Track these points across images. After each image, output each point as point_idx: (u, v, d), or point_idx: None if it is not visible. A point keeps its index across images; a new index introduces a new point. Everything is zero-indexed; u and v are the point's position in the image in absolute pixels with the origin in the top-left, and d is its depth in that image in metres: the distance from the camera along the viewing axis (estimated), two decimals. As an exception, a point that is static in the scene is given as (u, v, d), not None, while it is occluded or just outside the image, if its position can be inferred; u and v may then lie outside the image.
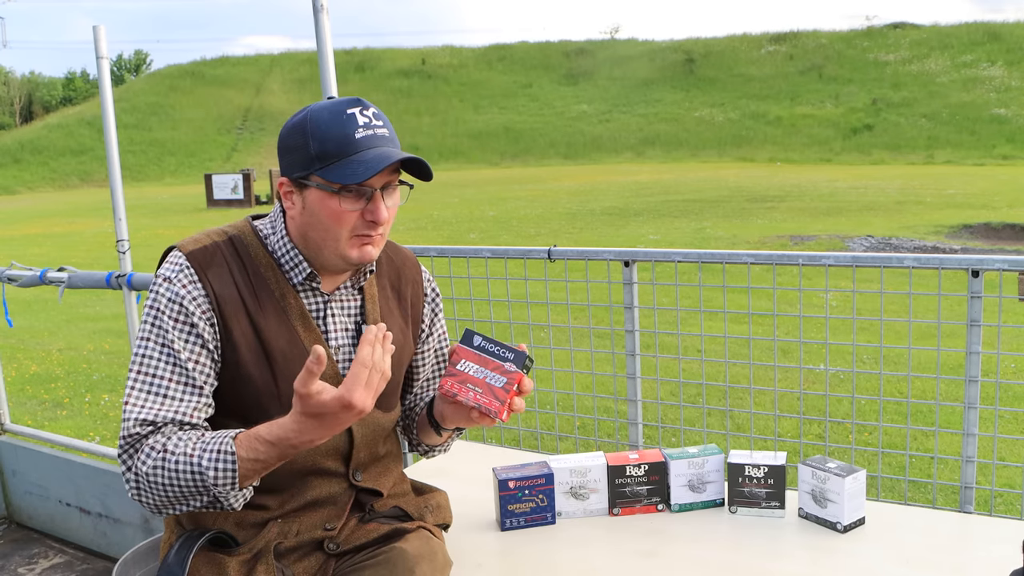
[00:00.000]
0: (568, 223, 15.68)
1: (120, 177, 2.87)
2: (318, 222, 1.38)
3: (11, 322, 3.31)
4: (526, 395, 1.45)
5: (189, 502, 1.30)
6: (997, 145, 35.57)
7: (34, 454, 3.33)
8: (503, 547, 1.80)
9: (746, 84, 50.56)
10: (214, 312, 1.38)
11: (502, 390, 1.41)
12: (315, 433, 1.24)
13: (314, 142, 1.35)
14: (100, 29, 2.75)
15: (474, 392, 1.42)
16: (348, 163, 1.34)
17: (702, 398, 3.22)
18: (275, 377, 1.40)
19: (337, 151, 1.35)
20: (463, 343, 1.45)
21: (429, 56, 62.05)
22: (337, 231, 1.38)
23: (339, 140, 1.35)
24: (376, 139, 1.37)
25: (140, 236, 9.14)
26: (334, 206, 1.36)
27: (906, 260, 2.07)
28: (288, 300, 1.44)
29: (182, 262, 1.39)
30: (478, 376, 1.42)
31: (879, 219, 14.50)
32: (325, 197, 1.36)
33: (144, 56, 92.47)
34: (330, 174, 1.34)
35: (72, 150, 46.76)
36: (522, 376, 1.42)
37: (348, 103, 1.38)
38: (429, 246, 2.63)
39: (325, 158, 1.35)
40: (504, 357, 1.43)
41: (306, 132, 1.36)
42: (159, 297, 1.37)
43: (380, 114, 1.41)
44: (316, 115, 1.36)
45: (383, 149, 1.37)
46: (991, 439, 2.35)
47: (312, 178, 1.36)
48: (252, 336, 1.40)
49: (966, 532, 1.85)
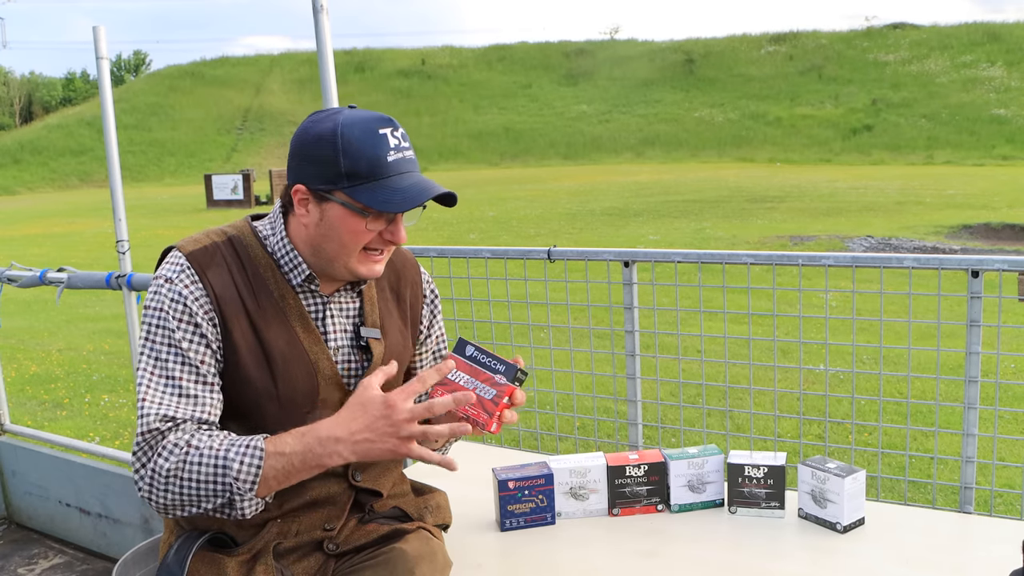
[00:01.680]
0: (568, 223, 15.69)
1: (120, 177, 2.87)
2: (336, 237, 1.38)
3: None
4: (518, 407, 1.44)
5: (202, 503, 1.29)
6: (997, 145, 35.58)
7: (34, 454, 3.33)
8: (503, 547, 1.81)
9: (746, 84, 50.57)
10: (215, 312, 1.38)
11: (491, 402, 1.40)
12: (345, 428, 1.27)
13: (345, 159, 1.34)
14: (100, 29, 2.75)
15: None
16: (380, 188, 1.34)
17: (702, 398, 3.22)
18: (274, 378, 1.40)
19: (368, 172, 1.34)
20: (456, 352, 1.45)
21: (429, 56, 62.07)
22: (353, 248, 1.39)
23: (371, 161, 1.34)
24: (405, 163, 1.38)
25: (140, 236, 9.14)
26: (357, 226, 1.37)
27: (906, 260, 2.07)
28: (287, 301, 1.43)
29: (182, 262, 1.39)
30: (468, 387, 1.41)
31: (879, 219, 14.51)
32: (348, 215, 1.36)
33: (144, 56, 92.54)
34: (360, 195, 1.34)
35: (72, 150, 46.77)
36: (513, 389, 1.41)
37: (379, 122, 1.37)
38: (429, 246, 2.63)
39: (355, 177, 1.34)
40: (495, 369, 1.42)
41: (336, 147, 1.34)
42: (162, 298, 1.37)
43: (406, 135, 1.41)
44: (348, 131, 1.34)
45: (414, 176, 1.38)
46: (991, 439, 2.35)
47: (337, 194, 1.36)
48: (252, 337, 1.40)
49: (966, 532, 1.85)
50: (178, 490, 1.28)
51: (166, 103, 54.33)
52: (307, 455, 1.28)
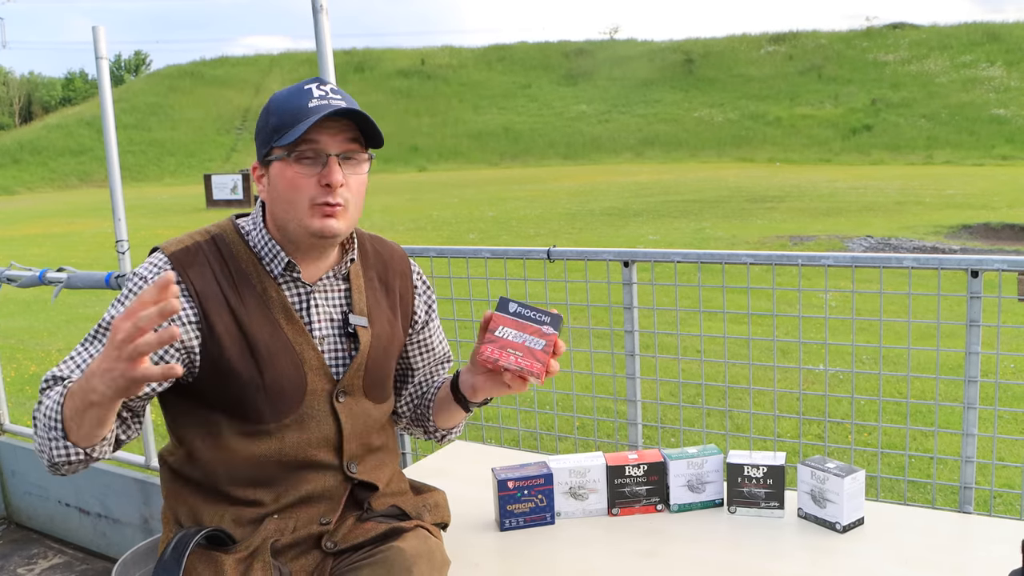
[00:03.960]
0: (567, 223, 15.68)
1: (119, 177, 2.87)
2: (280, 195, 1.42)
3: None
4: (560, 356, 1.49)
5: (52, 447, 1.29)
6: (996, 145, 35.55)
7: (33, 454, 3.33)
8: (502, 547, 1.80)
9: (746, 84, 50.55)
10: (197, 310, 1.40)
11: (542, 352, 1.45)
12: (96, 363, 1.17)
13: (272, 117, 1.41)
14: (99, 29, 2.75)
15: (515, 356, 1.45)
16: (298, 129, 1.37)
17: (701, 398, 3.22)
18: (259, 369, 1.42)
19: (292, 121, 1.38)
20: (499, 311, 1.49)
21: (429, 56, 62.03)
22: (296, 200, 1.40)
23: (294, 111, 1.39)
24: (325, 108, 1.39)
25: (139, 236, 9.12)
26: (290, 173, 1.40)
27: (905, 260, 2.07)
28: (270, 294, 1.45)
29: (161, 263, 1.42)
30: (517, 340, 1.45)
31: (878, 219, 14.51)
32: (283, 167, 1.40)
33: (143, 56, 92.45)
34: (283, 141, 1.38)
35: (71, 150, 46.73)
36: (557, 337, 1.46)
37: (307, 81, 1.44)
38: (428, 246, 2.63)
39: (281, 129, 1.39)
40: (541, 321, 1.47)
41: (268, 111, 1.43)
42: (128, 294, 1.42)
43: (340, 90, 1.44)
44: (276, 95, 1.44)
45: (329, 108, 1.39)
46: (990, 439, 2.35)
47: (273, 152, 1.41)
48: (235, 330, 1.42)
49: (965, 532, 1.85)
50: (36, 436, 1.33)
51: (166, 103, 54.30)
52: (80, 393, 1.23)
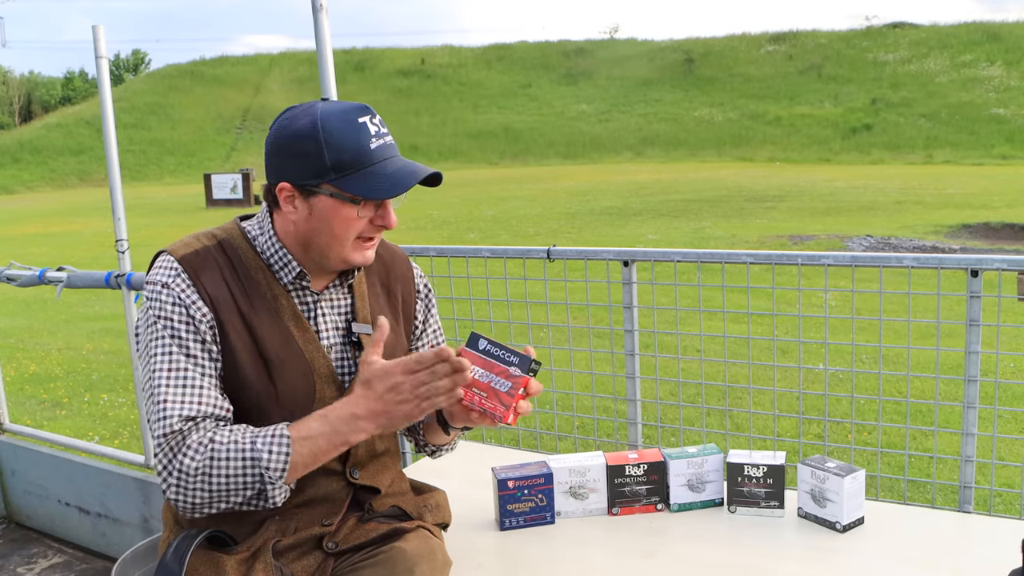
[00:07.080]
0: (567, 223, 15.68)
1: (119, 177, 2.87)
2: (328, 229, 1.40)
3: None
4: (534, 396, 1.45)
5: (232, 497, 1.30)
6: (996, 145, 35.56)
7: (33, 454, 3.33)
8: (502, 547, 1.81)
9: (745, 84, 50.53)
10: (212, 316, 1.39)
11: (507, 395, 1.41)
12: (363, 407, 1.30)
13: (329, 152, 1.35)
14: (99, 29, 2.75)
15: (479, 397, 1.42)
16: (368, 176, 1.36)
17: (701, 398, 3.22)
18: (272, 380, 1.41)
19: (354, 162, 1.36)
20: (468, 347, 1.45)
21: (428, 56, 62.00)
22: (345, 236, 1.41)
23: (356, 151, 1.36)
24: (388, 148, 1.40)
25: (139, 236, 9.12)
26: (348, 216, 1.39)
27: (905, 260, 2.07)
28: (280, 301, 1.45)
29: (176, 267, 1.40)
30: (483, 380, 1.42)
31: (878, 219, 14.51)
32: (339, 206, 1.38)
33: (143, 56, 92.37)
34: (349, 185, 1.36)
35: (71, 150, 46.70)
36: (528, 380, 1.42)
37: (357, 111, 1.39)
38: (428, 246, 2.63)
39: (341, 168, 1.36)
40: (509, 361, 1.43)
41: (319, 141, 1.35)
42: (163, 303, 1.38)
43: (384, 122, 1.43)
44: (328, 124, 1.36)
45: (399, 161, 1.40)
46: (990, 439, 2.35)
47: (325, 187, 1.37)
48: (247, 338, 1.41)
49: (965, 532, 1.85)
50: (208, 487, 1.29)
51: (165, 102, 54.26)
52: (333, 436, 1.31)
